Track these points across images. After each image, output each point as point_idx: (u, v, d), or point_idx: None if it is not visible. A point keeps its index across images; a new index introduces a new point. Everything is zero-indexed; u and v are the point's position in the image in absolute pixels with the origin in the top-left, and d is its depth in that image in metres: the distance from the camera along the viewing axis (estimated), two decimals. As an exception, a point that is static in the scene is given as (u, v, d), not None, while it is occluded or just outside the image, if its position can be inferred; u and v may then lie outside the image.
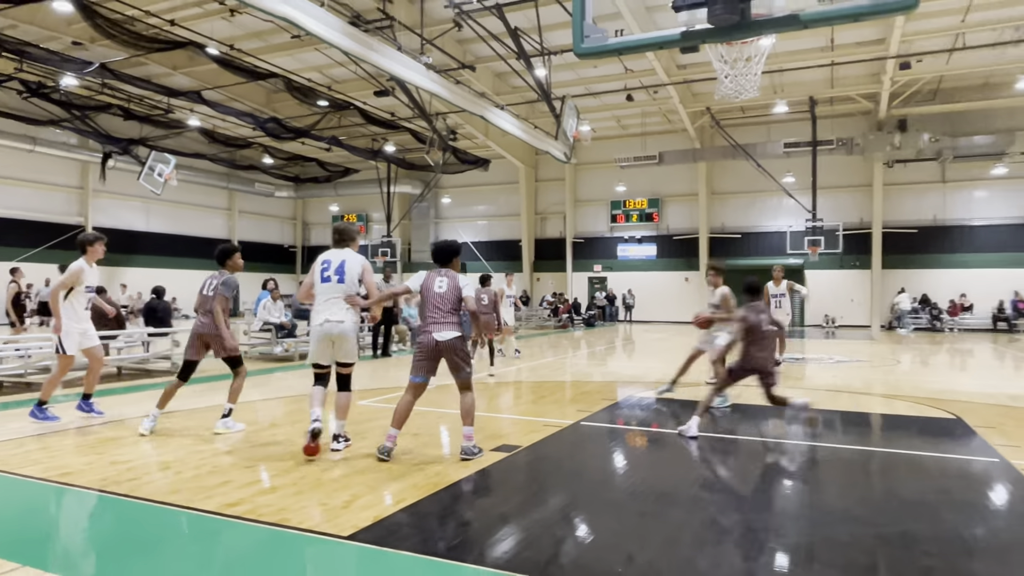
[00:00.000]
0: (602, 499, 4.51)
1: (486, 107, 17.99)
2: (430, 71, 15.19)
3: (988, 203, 25.21)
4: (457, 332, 5.35)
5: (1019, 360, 14.60)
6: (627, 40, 5.66)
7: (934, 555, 3.50)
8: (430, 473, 4.94)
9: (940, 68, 21.34)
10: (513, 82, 23.00)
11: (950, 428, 6.88)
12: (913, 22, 17.82)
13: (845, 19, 4.83)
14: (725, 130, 25.90)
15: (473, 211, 33.79)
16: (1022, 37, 18.89)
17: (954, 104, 23.64)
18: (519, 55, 16.52)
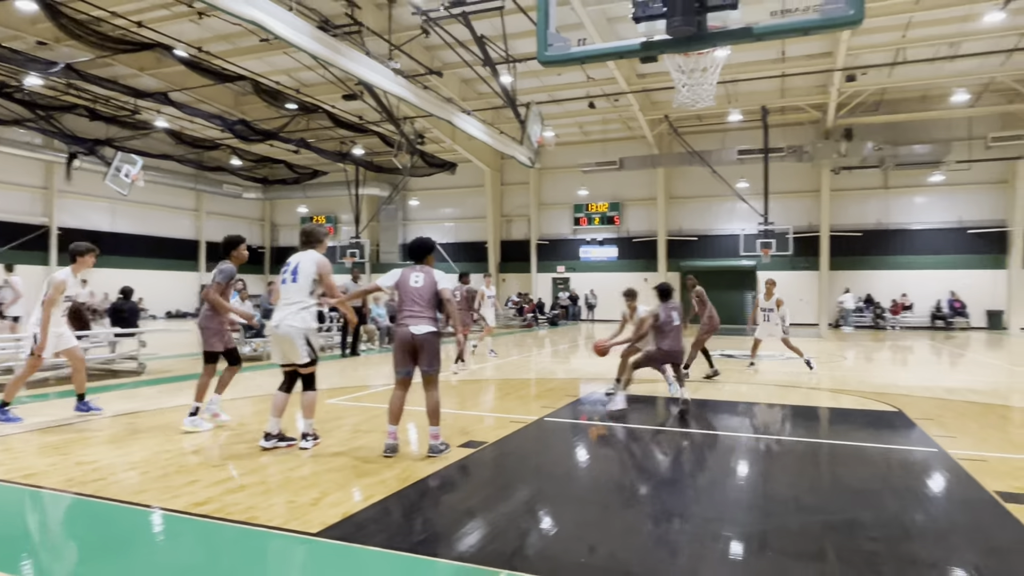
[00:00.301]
0: (565, 492, 4.53)
1: (453, 112, 17.94)
2: (398, 76, 15.09)
3: (927, 208, 26.04)
4: (433, 327, 5.29)
5: (955, 356, 15.11)
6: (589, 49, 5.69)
7: (878, 540, 3.60)
8: (398, 470, 4.90)
9: (883, 81, 21.97)
10: (479, 88, 22.98)
11: (892, 420, 7.09)
12: (858, 37, 18.32)
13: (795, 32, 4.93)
14: (682, 137, 26.27)
15: (440, 213, 33.66)
16: (956, 54, 19.57)
17: (896, 115, 24.36)
18: (485, 62, 16.51)
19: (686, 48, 5.76)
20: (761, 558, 3.41)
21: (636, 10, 4.70)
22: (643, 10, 4.66)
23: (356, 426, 6.52)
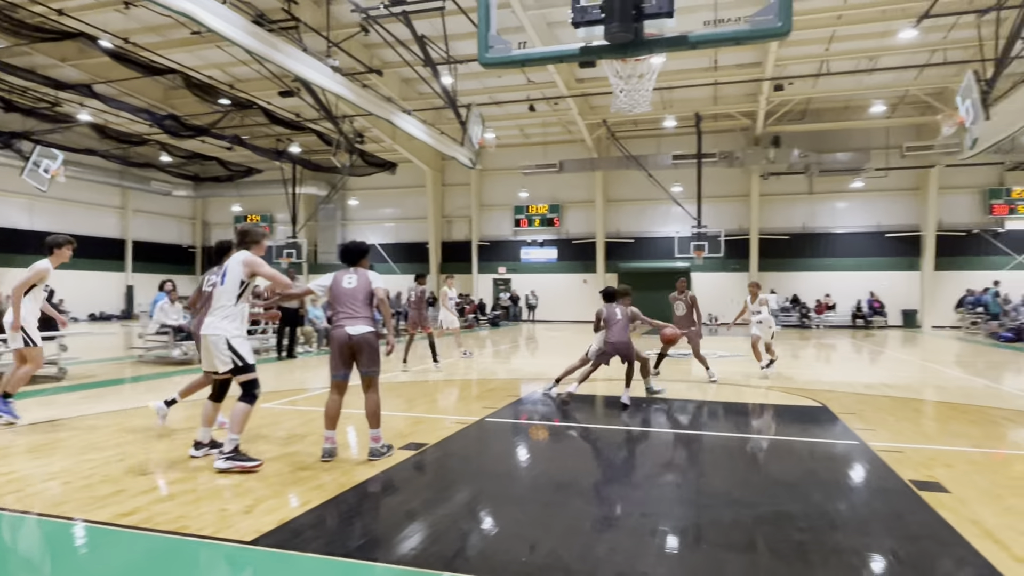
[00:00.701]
0: (506, 492, 4.54)
1: (393, 112, 17.73)
2: (337, 74, 14.80)
3: (848, 213, 27.35)
4: (370, 327, 5.18)
5: (874, 353, 15.90)
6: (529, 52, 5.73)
7: (805, 531, 3.75)
8: (336, 474, 4.80)
9: (808, 91, 22.96)
10: (420, 88, 22.79)
11: (817, 415, 7.40)
12: (785, 48, 19.09)
13: (728, 42, 5.10)
14: (620, 142, 26.75)
15: (380, 213, 33.21)
16: (875, 67, 20.64)
17: (820, 124, 25.50)
18: (426, 62, 16.39)
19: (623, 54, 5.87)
20: (696, 551, 3.50)
21: (575, 15, 4.75)
22: (582, 15, 4.72)
23: (292, 430, 6.36)
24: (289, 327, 13.43)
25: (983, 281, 24.41)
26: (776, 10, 4.42)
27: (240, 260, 5.02)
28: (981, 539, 3.60)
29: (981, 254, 25.74)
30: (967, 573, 3.24)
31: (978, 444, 6.02)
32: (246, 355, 4.99)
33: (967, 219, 25.93)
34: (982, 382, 10.51)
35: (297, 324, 13.76)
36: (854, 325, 26.42)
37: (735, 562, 3.34)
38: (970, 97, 14.12)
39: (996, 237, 25.64)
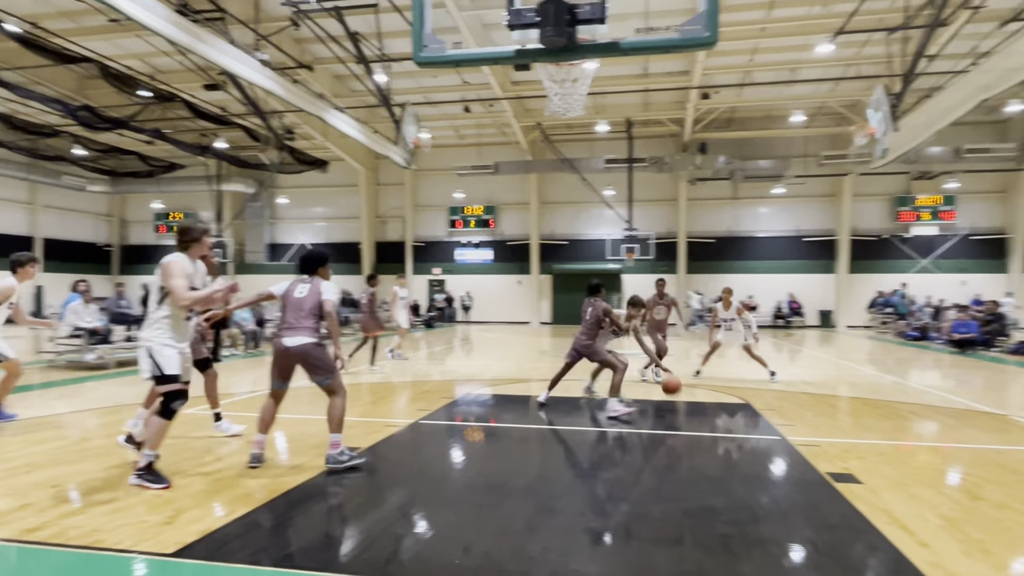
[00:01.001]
0: (440, 495, 4.50)
1: (325, 108, 17.33)
2: (265, 68, 14.35)
3: (770, 218, 28.56)
4: (310, 338, 4.97)
5: (793, 352, 16.65)
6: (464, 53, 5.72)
7: (730, 523, 3.88)
8: (264, 481, 4.65)
9: (733, 100, 23.86)
10: (353, 85, 22.38)
11: (741, 412, 7.69)
12: (712, 58, 19.76)
13: (658, 50, 5.23)
14: (554, 145, 27.04)
15: (311, 212, 32.41)
16: (794, 79, 21.64)
17: (744, 132, 26.53)
18: (359, 59, 16.10)
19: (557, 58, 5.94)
20: (627, 547, 3.57)
21: (511, 18, 4.77)
22: (517, 18, 4.74)
23: (218, 437, 6.12)
24: (213, 329, 12.93)
25: (892, 283, 26.00)
26: (704, 21, 4.56)
27: (163, 262, 4.69)
28: (890, 526, 3.81)
29: (890, 258, 27.37)
30: (877, 559, 3.43)
31: (887, 437, 6.39)
32: (165, 364, 4.57)
33: (877, 225, 27.52)
34: (891, 378, 11.17)
35: (222, 326, 13.27)
36: (775, 325, 27.59)
37: (664, 556, 3.43)
38: (880, 110, 14.99)
39: (903, 242, 27.31)
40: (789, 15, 17.52)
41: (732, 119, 26.42)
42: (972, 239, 26.70)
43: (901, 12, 14.47)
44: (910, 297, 24.53)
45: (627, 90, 22.49)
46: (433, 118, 25.97)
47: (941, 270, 26.59)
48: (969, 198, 26.57)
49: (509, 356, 14.90)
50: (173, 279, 4.60)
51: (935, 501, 4.30)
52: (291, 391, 5.18)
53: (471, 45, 16.21)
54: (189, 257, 4.80)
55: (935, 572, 3.18)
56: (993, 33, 15.33)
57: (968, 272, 26.42)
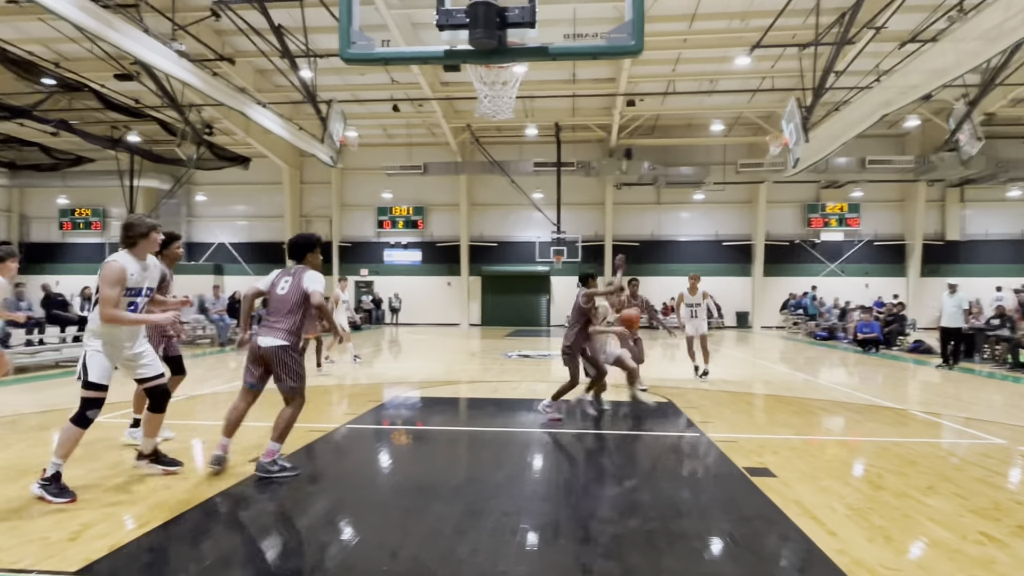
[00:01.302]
0: (367, 500, 4.42)
1: (246, 103, 16.73)
2: (183, 59, 13.71)
3: (691, 223, 29.57)
4: (283, 341, 4.75)
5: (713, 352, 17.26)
6: (393, 51, 5.64)
7: (654, 519, 3.98)
8: (179, 491, 4.43)
9: (657, 108, 24.57)
10: (277, 80, 21.71)
11: (664, 410, 7.91)
12: (637, 66, 20.28)
13: (585, 56, 5.31)
14: (483, 147, 27.09)
15: (232, 211, 31.22)
16: (714, 89, 22.50)
17: (667, 139, 27.38)
18: (283, 54, 15.63)
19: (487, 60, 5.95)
20: (555, 546, 3.61)
21: (440, 18, 4.74)
22: (447, 18, 4.71)
23: (131, 442, 5.79)
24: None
25: (803, 286, 27.41)
26: (630, 29, 4.67)
27: (100, 267, 4.37)
28: (801, 517, 4.01)
29: (801, 262, 28.85)
30: (790, 548, 3.60)
31: (799, 432, 6.73)
32: (90, 370, 4.28)
33: (790, 230, 28.96)
34: (802, 376, 11.76)
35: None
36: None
37: (591, 554, 3.48)
38: (793, 121, 15.79)
39: (813, 247, 28.85)
40: (709, 28, 18.20)
41: (656, 126, 27.21)
42: (875, 244, 28.50)
43: (812, 29, 15.28)
44: (819, 299, 25.93)
45: (556, 95, 22.80)
46: (361, 116, 25.53)
47: (847, 274, 28.24)
48: (872, 206, 28.36)
49: (438, 358, 14.80)
50: (103, 286, 4.27)
51: (842, 492, 4.55)
52: (209, 396, 4.96)
53: (400, 44, 16.02)
54: (136, 256, 4.44)
55: (841, 559, 3.37)
56: (893, 52, 16.42)
57: (871, 276, 28.19)
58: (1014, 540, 3.67)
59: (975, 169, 22.59)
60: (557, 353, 10.87)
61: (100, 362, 4.33)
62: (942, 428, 7.13)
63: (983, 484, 4.75)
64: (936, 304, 14.53)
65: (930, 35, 14.73)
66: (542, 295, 29.88)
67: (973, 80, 16.12)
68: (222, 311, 17.86)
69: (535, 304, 29.83)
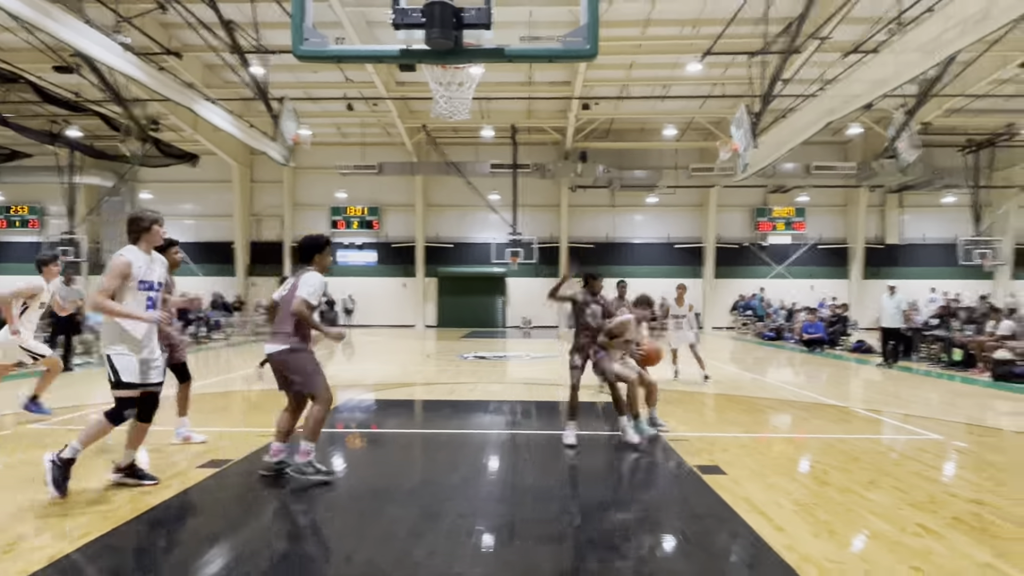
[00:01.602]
0: (321, 504, 4.34)
1: (194, 99, 16.27)
2: (127, 52, 13.25)
3: (644, 225, 30.04)
4: (283, 345, 4.64)
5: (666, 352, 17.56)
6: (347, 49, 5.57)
7: (608, 518, 4.02)
8: (123, 499, 4.27)
9: (611, 112, 24.88)
10: (226, 76, 21.18)
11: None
12: (592, 70, 20.49)
13: (541, 58, 5.35)
14: (440, 147, 26.97)
15: (179, 209, 30.28)
16: (667, 95, 22.91)
17: (621, 143, 27.76)
18: (233, 49, 15.26)
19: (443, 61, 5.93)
20: (511, 547, 3.61)
21: (396, 16, 4.69)
22: (403, 17, 4.67)
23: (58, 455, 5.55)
24: (64, 335, 11.76)
25: (752, 288, 28.14)
26: (585, 33, 4.71)
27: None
28: (750, 513, 4.11)
29: (750, 264, 29.61)
30: (739, 544, 3.68)
31: (748, 430, 6.90)
32: (120, 371, 4.38)
33: (739, 234, 29.69)
34: (751, 376, 12.07)
35: (73, 332, 12.08)
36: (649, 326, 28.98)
37: (547, 554, 3.50)
38: (742, 127, 16.21)
39: (762, 250, 29.64)
40: (662, 34, 18.52)
41: (610, 130, 27.55)
42: (820, 248, 29.46)
43: (761, 38, 15.70)
44: (767, 301, 26.64)
45: (512, 97, 22.85)
46: (314, 114, 25.10)
47: (793, 276, 29.11)
48: (816, 211, 29.31)
49: (393, 360, 14.66)
50: (106, 277, 4.38)
51: (789, 488, 4.69)
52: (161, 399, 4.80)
53: (354, 42, 15.81)
54: (143, 250, 4.53)
55: (789, 554, 3.46)
56: (837, 62, 17.01)
57: (816, 278, 29.11)
58: (949, 531, 3.83)
59: (912, 176, 23.58)
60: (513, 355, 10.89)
61: (128, 362, 4.40)
62: (883, 425, 7.41)
63: (920, 478, 4.95)
64: (877, 305, 15.10)
65: (872, 46, 15.32)
66: (498, 296, 29.91)
67: (911, 91, 16.81)
68: (168, 313, 17.32)
69: (491, 306, 29.84)
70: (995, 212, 26.71)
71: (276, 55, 16.90)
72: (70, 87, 19.93)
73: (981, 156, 24.93)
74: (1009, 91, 20.79)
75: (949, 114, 23.14)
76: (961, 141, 24.91)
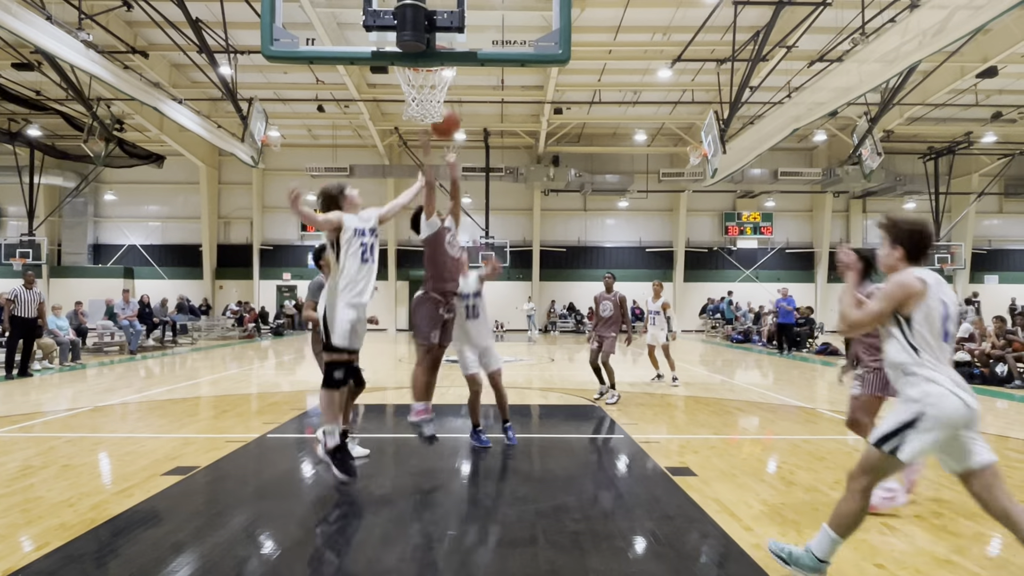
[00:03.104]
0: (289, 512, 4.27)
1: (161, 99, 15.96)
2: (90, 50, 12.94)
3: (616, 229, 30.28)
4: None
5: (635, 355, 17.72)
6: (318, 50, 5.52)
7: (580, 520, 4.03)
8: (84, 508, 4.16)
9: (583, 117, 25.05)
10: (194, 76, 20.83)
11: (590, 413, 8.04)
12: (565, 75, 20.61)
13: (513, 63, 5.35)
14: (412, 150, 26.85)
15: (144, 211, 29.66)
16: (638, 100, 23.15)
17: (593, 147, 27.97)
18: (201, 48, 15.00)
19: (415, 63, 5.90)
20: (483, 551, 3.60)
21: (367, 18, 4.66)
22: (374, 19, 4.64)
23: (26, 461, 5.40)
24: (24, 339, 11.42)
25: (720, 291, 28.51)
26: (557, 38, 4.74)
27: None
28: (720, 514, 4.16)
29: (719, 268, 30.02)
30: (709, 544, 3.72)
31: (717, 431, 6.98)
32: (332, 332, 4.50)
33: (708, 238, 30.10)
34: (720, 378, 12.22)
35: (33, 336, 11.74)
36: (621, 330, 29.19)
37: (518, 557, 3.49)
38: (711, 133, 16.44)
39: (730, 254, 30.08)
40: (633, 40, 18.71)
41: (582, 135, 27.73)
42: (787, 252, 30.00)
43: (730, 46, 15.95)
44: (735, 304, 27.03)
45: (485, 100, 22.87)
46: (284, 116, 24.83)
47: (761, 279, 29.57)
48: (783, 216, 29.85)
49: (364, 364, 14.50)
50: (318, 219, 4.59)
51: (757, 488, 4.75)
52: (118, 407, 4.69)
53: (325, 43, 15.67)
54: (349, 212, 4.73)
55: (757, 553, 3.51)
56: (803, 71, 17.37)
57: (783, 282, 29.58)
58: (910, 527, 3.92)
59: (875, 182, 24.17)
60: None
61: (344, 320, 4.46)
62: (847, 425, 7.56)
63: (883, 477, 5.06)
64: (841, 308, 15.41)
65: (836, 55, 15.68)
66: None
67: (874, 99, 17.24)
68: (132, 317, 16.91)
69: (463, 309, 29.72)
70: (954, 217, 27.51)
71: (245, 55, 16.69)
72: (31, 84, 19.44)
73: (941, 163, 25.63)
74: (967, 100, 21.48)
75: (910, 122, 23.80)
76: (922, 148, 25.60)
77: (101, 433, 6.63)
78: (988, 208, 28.64)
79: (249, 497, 4.68)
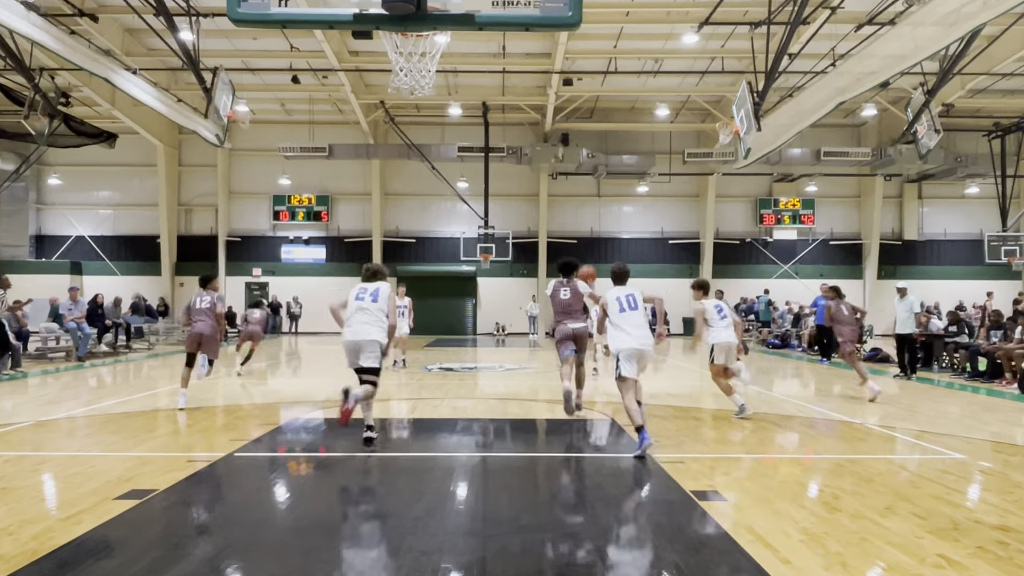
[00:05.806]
0: (260, 541, 4.28)
1: (112, 69, 15.99)
2: (31, 13, 12.97)
3: (634, 218, 30.28)
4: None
5: (657, 362, 17.73)
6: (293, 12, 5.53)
7: (593, 551, 4.03)
8: (25, 537, 4.17)
9: (596, 88, 25.02)
10: (150, 42, 20.86)
11: (604, 429, 8.06)
12: (575, 41, 20.59)
13: (516, 26, 5.34)
14: (399, 127, 26.86)
15: (94, 197, 29.76)
16: (660, 70, 23.11)
17: (607, 124, 27.94)
18: (158, 11, 15.02)
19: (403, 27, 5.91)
20: (481, 587, 3.60)
21: (349, -24, 4.67)
22: (357, -23, 4.65)
23: None
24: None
25: (755, 289, 28.47)
26: (567, -2, 4.74)
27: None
28: (754, 544, 4.15)
29: (753, 262, 30.00)
30: (741, 580, 3.72)
31: (751, 450, 6.98)
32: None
33: (740, 228, 30.09)
34: (754, 388, 12.20)
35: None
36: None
37: (522, 595, 3.49)
38: (744, 107, 16.40)
39: (765, 246, 30.05)
40: (655, 1, 18.68)
41: (595, 109, 27.72)
42: (831, 244, 29.96)
43: (765, 7, 15.92)
44: (774, 304, 26.99)
45: (483, 70, 22.86)
46: (254, 88, 24.85)
47: (801, 275, 29.54)
48: (827, 202, 29.84)
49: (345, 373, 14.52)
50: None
51: (796, 515, 4.75)
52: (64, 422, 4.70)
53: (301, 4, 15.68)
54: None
55: (797, 589, 3.51)
56: (850, 35, 17.31)
57: (827, 278, 29.56)
58: (973, 561, 3.91)
59: (933, 163, 24.13)
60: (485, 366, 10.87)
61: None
62: (899, 443, 7.55)
63: (941, 502, 5.05)
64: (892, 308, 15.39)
65: (887, 17, 15.63)
66: (467, 299, 29.89)
67: (931, 68, 17.20)
68: (80, 319, 16.93)
69: (459, 309, 29.80)
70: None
71: (209, 18, 16.70)
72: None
73: (1008, 141, 25.55)
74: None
75: (973, 94, 23.72)
76: (987, 125, 25.55)
77: (45, 451, 6.64)
78: (1063, 193, 28.61)
79: (214, 524, 4.69)
